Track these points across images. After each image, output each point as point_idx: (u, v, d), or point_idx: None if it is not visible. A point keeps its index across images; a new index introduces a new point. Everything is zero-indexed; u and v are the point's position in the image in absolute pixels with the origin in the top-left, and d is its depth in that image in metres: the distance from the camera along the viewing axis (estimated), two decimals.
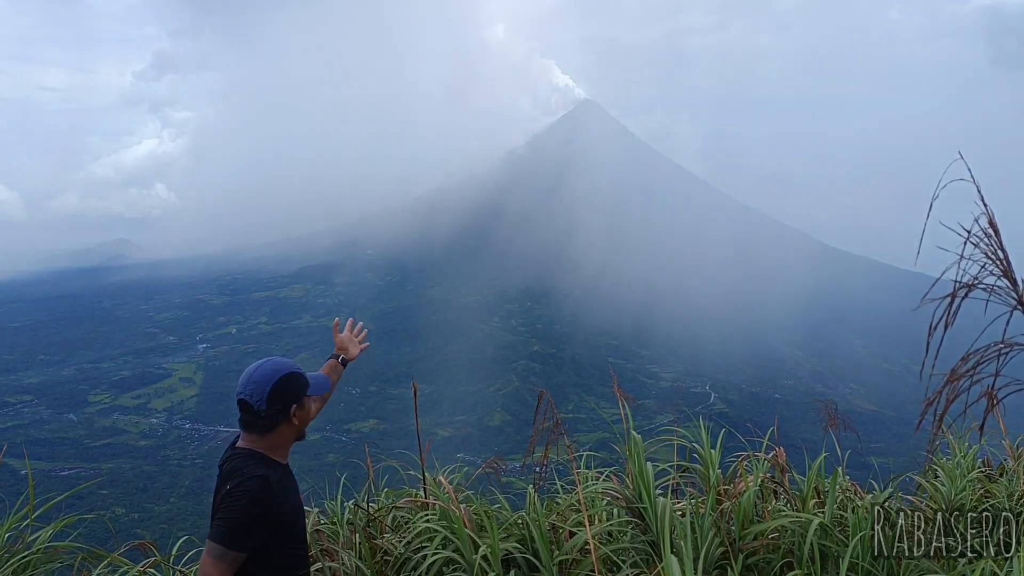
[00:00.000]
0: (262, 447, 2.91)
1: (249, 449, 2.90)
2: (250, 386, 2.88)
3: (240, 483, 2.75)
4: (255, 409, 2.87)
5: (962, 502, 4.17)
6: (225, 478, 2.83)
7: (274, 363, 2.97)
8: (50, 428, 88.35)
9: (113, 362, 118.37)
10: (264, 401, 2.87)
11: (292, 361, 3.01)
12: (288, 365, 2.98)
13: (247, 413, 2.90)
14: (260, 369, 2.92)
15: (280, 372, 2.92)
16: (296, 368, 2.99)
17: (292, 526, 2.91)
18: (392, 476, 4.81)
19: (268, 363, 2.96)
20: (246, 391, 2.87)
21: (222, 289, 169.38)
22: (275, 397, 2.88)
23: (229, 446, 3.00)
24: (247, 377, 2.90)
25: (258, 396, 2.87)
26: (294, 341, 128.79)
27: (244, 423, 2.92)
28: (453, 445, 69.35)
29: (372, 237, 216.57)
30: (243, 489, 2.74)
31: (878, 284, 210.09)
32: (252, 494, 2.74)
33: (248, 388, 2.88)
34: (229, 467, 2.86)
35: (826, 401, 4.74)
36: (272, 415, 2.89)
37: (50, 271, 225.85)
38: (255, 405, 2.86)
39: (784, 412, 60.80)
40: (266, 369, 2.92)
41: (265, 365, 2.95)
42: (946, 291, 1.65)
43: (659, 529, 3.30)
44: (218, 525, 2.70)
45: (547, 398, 3.08)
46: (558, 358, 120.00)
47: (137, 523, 56.26)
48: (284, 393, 2.91)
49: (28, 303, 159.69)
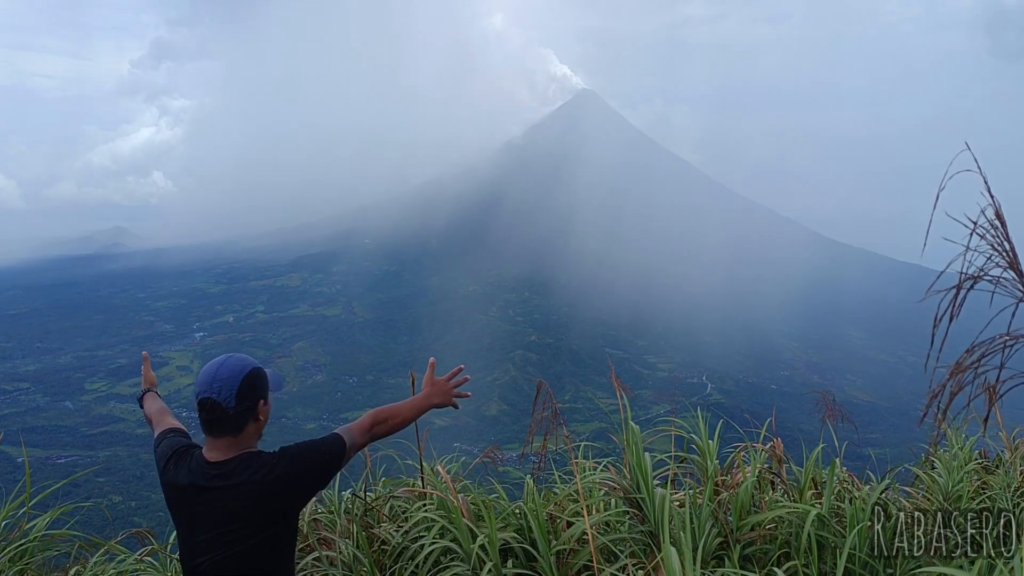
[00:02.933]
0: (242, 451, 2.69)
1: (239, 455, 2.67)
2: (216, 384, 2.65)
3: (282, 453, 2.65)
4: (224, 407, 2.64)
5: (959, 493, 4.19)
6: (260, 476, 2.59)
7: (238, 359, 2.75)
8: (47, 416, 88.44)
9: (110, 350, 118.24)
10: (233, 398, 2.65)
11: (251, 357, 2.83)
12: (251, 360, 2.78)
13: (214, 412, 2.65)
14: (224, 366, 2.70)
15: (247, 368, 2.72)
16: (258, 363, 2.79)
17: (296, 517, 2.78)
18: (390, 465, 4.81)
19: (231, 360, 2.74)
20: (212, 389, 2.65)
21: (219, 278, 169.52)
22: (243, 394, 2.67)
23: (194, 467, 2.69)
24: (210, 376, 2.68)
25: (227, 393, 2.65)
26: (291, 330, 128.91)
27: (211, 425, 2.68)
28: (450, 434, 69.38)
29: (370, 227, 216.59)
30: (289, 450, 2.67)
31: (875, 276, 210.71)
32: (296, 447, 2.68)
33: (215, 386, 2.65)
34: (243, 475, 2.61)
35: (824, 392, 4.73)
36: (241, 412, 2.67)
37: (47, 259, 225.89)
38: (224, 403, 2.64)
39: (781, 403, 61.09)
40: (231, 366, 2.71)
41: (229, 362, 2.72)
42: (951, 283, 1.63)
43: (658, 519, 3.31)
44: (307, 456, 2.67)
45: (546, 388, 3.07)
46: (555, 348, 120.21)
47: (134, 511, 56.23)
48: (252, 389, 2.71)
49: (25, 291, 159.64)
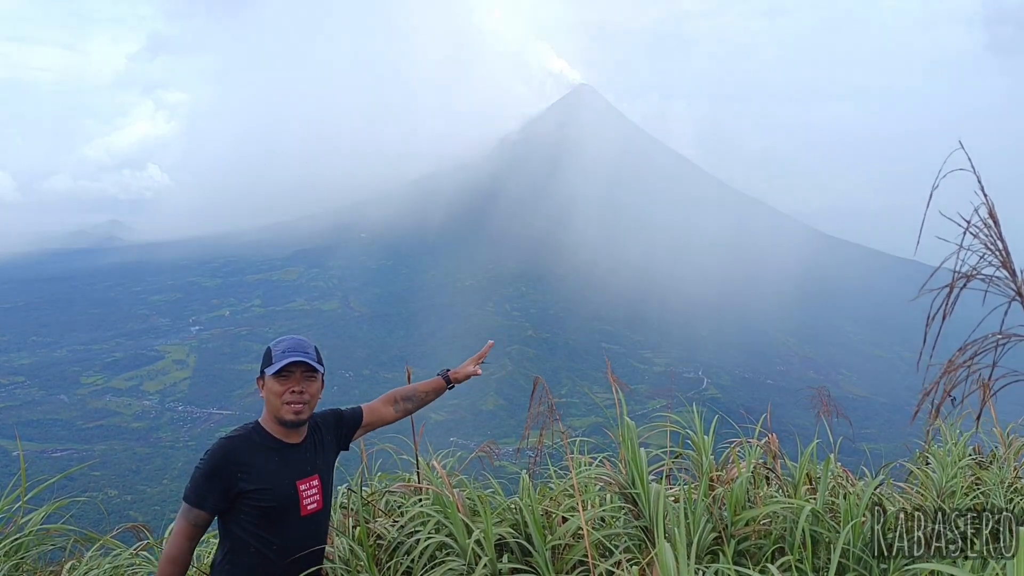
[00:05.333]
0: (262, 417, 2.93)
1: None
2: (309, 348, 2.89)
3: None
4: (317, 370, 2.89)
5: (953, 489, 4.20)
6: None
7: (295, 336, 2.96)
8: (42, 409, 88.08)
9: (106, 344, 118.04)
10: (319, 363, 2.90)
11: (297, 337, 2.94)
12: (281, 339, 2.92)
13: (311, 371, 2.89)
14: (300, 340, 2.91)
15: (271, 343, 2.91)
16: (280, 341, 2.90)
17: (257, 501, 2.73)
18: (386, 460, 4.82)
19: (296, 336, 2.95)
20: (308, 355, 2.86)
21: (215, 271, 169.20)
22: (320, 360, 2.93)
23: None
24: (298, 343, 2.88)
25: (318, 356, 2.92)
26: (288, 324, 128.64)
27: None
28: (446, 429, 69.49)
29: (366, 221, 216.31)
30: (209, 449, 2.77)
31: (870, 271, 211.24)
32: (212, 449, 2.74)
33: (309, 352, 2.87)
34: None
35: (819, 387, 4.73)
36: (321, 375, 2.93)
37: (43, 252, 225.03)
38: (317, 366, 2.88)
39: (776, 398, 60.78)
40: (303, 339, 2.92)
41: (299, 336, 2.94)
42: (944, 281, 1.63)
43: (652, 515, 3.32)
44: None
45: (542, 384, 3.08)
46: (552, 343, 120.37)
47: (129, 505, 56.32)
48: (320, 358, 2.95)
49: (20, 284, 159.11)
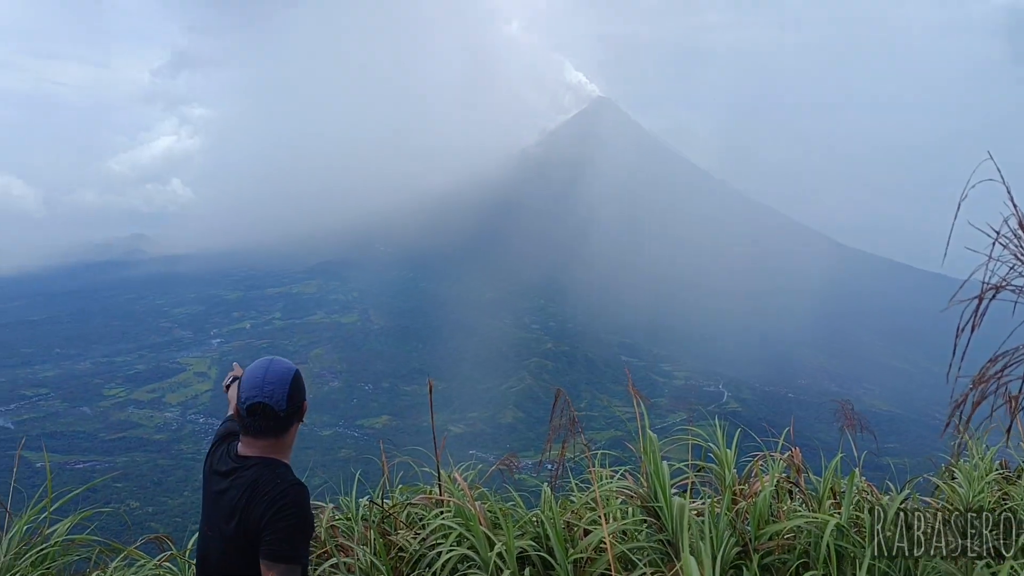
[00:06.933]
0: (275, 452, 2.73)
1: (266, 457, 2.72)
2: (267, 387, 2.65)
3: (286, 491, 2.60)
4: (276, 410, 2.66)
5: (980, 504, 4.13)
6: (255, 490, 2.62)
7: (279, 362, 2.78)
8: (65, 421, 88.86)
9: (128, 356, 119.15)
10: (284, 401, 2.67)
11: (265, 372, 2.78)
12: (290, 362, 2.81)
13: (266, 417, 2.67)
14: (271, 371, 2.71)
15: (292, 370, 2.75)
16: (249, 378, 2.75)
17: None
18: (406, 472, 4.81)
19: (275, 363, 2.76)
20: (264, 393, 2.65)
21: (236, 284, 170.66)
22: (292, 396, 2.70)
23: (224, 454, 2.82)
24: (259, 380, 2.68)
25: (278, 396, 2.66)
26: (308, 337, 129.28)
27: (258, 429, 2.69)
28: (465, 442, 69.41)
29: (386, 234, 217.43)
30: (295, 497, 2.60)
31: (893, 284, 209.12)
32: (305, 500, 2.63)
33: (266, 390, 2.65)
34: (254, 477, 2.65)
35: (842, 401, 4.69)
36: (290, 415, 2.71)
37: (67, 266, 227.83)
38: (275, 406, 2.66)
39: (798, 412, 60.01)
40: (277, 369, 2.72)
41: (273, 366, 2.74)
42: (973, 292, 1.60)
43: (676, 528, 3.29)
44: (281, 539, 2.52)
45: (564, 396, 3.07)
46: (571, 356, 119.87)
47: (151, 516, 56.54)
48: (298, 391, 2.74)
49: (45, 297, 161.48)
